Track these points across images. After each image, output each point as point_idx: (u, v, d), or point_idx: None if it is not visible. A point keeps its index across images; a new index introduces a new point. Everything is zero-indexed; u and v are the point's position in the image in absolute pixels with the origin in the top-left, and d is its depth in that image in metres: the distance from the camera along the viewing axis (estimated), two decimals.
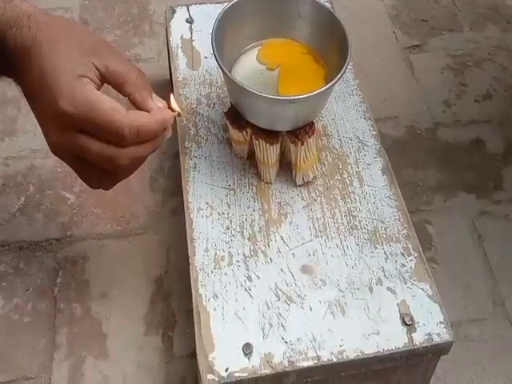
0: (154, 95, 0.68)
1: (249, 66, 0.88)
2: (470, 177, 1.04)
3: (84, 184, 0.67)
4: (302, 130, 0.82)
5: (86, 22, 1.25)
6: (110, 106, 0.61)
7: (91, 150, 0.62)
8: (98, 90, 0.63)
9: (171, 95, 0.71)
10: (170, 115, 0.67)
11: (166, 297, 0.86)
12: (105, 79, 0.64)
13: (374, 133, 0.93)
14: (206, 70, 0.98)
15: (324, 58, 0.86)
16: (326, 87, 0.76)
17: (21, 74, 0.64)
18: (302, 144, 0.82)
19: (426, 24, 1.31)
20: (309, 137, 0.82)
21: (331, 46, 0.83)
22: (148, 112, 0.65)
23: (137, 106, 0.65)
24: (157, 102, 0.67)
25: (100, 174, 0.67)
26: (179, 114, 0.70)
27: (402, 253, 0.80)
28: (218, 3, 1.03)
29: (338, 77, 0.76)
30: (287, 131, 0.82)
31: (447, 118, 1.13)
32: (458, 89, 1.18)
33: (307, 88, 0.76)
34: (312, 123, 0.83)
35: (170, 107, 0.69)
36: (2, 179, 0.98)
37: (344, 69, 0.77)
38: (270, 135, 0.81)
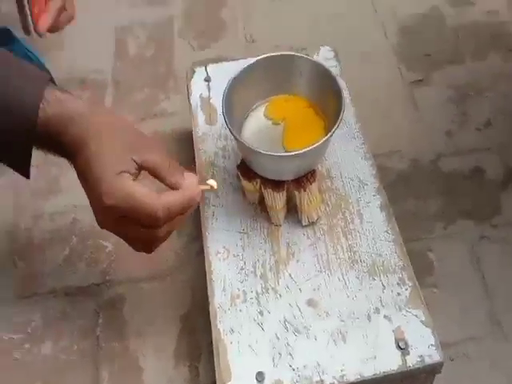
0: (185, 173, 0.82)
1: (257, 122, 1.00)
2: (469, 204, 1.12)
3: None
4: (305, 178, 0.93)
5: (118, 83, 1.39)
6: (144, 194, 0.75)
7: (132, 232, 0.78)
8: (136, 177, 0.77)
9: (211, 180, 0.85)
10: (198, 190, 0.81)
11: (191, 332, 0.98)
12: (142, 169, 0.79)
13: (374, 172, 1.02)
14: (222, 125, 1.09)
15: (323, 110, 0.97)
16: (320, 142, 0.87)
17: (74, 163, 0.78)
18: (305, 190, 0.92)
19: (429, 58, 1.40)
20: (310, 183, 0.93)
21: (329, 100, 0.93)
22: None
23: (171, 188, 0.80)
24: (188, 178, 0.81)
25: (142, 243, 0.80)
26: (215, 190, 0.85)
27: (397, 283, 0.89)
28: (234, 60, 1.15)
29: (331, 133, 0.88)
30: (292, 179, 0.93)
31: (449, 149, 1.21)
32: (460, 119, 1.26)
33: (309, 140, 0.88)
34: (313, 171, 0.94)
35: (200, 181, 0.82)
36: (49, 233, 1.11)
37: (338, 123, 0.88)
38: (276, 184, 0.93)
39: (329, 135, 0.88)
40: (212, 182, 0.85)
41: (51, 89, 0.77)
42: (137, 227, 0.77)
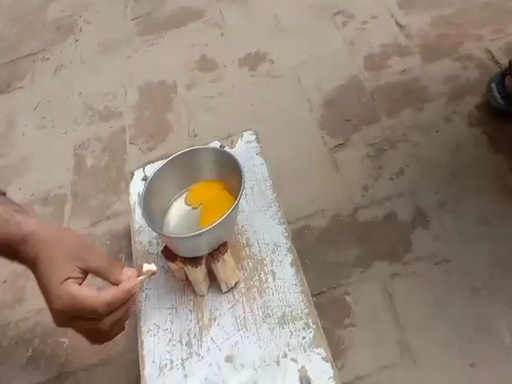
0: (125, 268, 0.97)
1: (178, 210, 1.14)
2: (383, 247, 1.22)
3: None
4: (217, 251, 1.06)
5: (76, 194, 1.56)
6: (84, 294, 0.90)
7: (81, 327, 0.93)
8: (83, 281, 0.93)
9: (144, 264, 0.99)
10: (134, 283, 0.95)
11: None
12: (87, 273, 0.94)
13: (286, 234, 1.15)
14: None
15: (234, 189, 1.10)
16: (220, 220, 1.00)
17: (33, 273, 0.93)
18: (219, 261, 1.05)
19: (348, 123, 1.53)
20: (223, 254, 1.05)
21: (237, 180, 1.07)
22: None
23: (112, 284, 0.95)
24: (126, 273, 0.96)
25: (94, 336, 0.95)
26: (154, 273, 0.99)
27: (303, 327, 1.00)
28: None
29: (228, 212, 1.01)
30: (207, 254, 1.06)
31: (365, 201, 1.33)
32: (376, 172, 1.38)
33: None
34: (225, 243, 1.07)
35: (139, 273, 0.98)
36: (15, 339, 1.25)
37: (237, 201, 1.02)
38: (193, 261, 1.06)
39: (227, 213, 1.02)
40: (151, 267, 0.99)
41: (5, 205, 0.95)
42: (85, 322, 0.92)
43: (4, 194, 1.00)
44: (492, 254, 1.16)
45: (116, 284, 0.95)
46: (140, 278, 0.98)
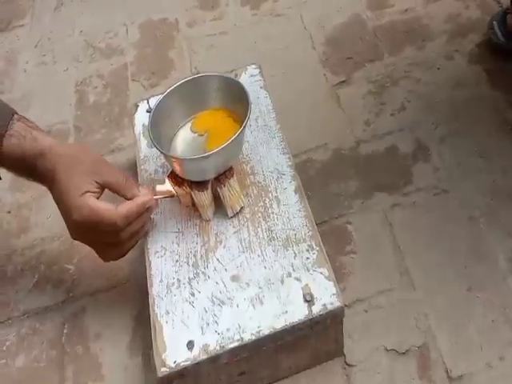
0: (141, 187, 1.03)
1: (184, 137, 1.16)
2: (384, 179, 1.24)
3: (81, 255, 0.97)
4: (223, 175, 1.08)
5: (79, 129, 1.57)
6: (103, 208, 0.94)
7: (96, 240, 0.98)
8: (100, 195, 0.97)
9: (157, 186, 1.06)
10: (150, 197, 1.01)
11: (143, 327, 1.11)
12: (104, 187, 0.98)
13: (290, 163, 1.17)
14: None
15: (239, 117, 1.11)
16: (228, 142, 1.02)
17: (49, 189, 0.98)
18: (225, 186, 1.07)
19: (351, 61, 1.54)
20: (229, 179, 1.08)
21: (242, 108, 1.08)
22: None
23: (128, 199, 1.00)
24: (142, 191, 1.02)
25: (108, 250, 0.98)
26: (172, 195, 1.05)
27: (307, 249, 1.03)
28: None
29: (236, 134, 1.03)
30: (213, 178, 1.08)
31: (367, 135, 1.35)
32: (377, 108, 1.40)
33: None
34: (231, 168, 1.09)
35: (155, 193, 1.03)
36: (21, 265, 1.28)
37: (244, 124, 1.03)
38: (200, 185, 1.08)
39: (234, 136, 1.04)
40: (168, 187, 1.05)
41: (22, 123, 0.97)
42: (101, 236, 0.96)
43: (15, 113, 1.02)
44: (490, 186, 1.19)
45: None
46: (156, 196, 1.02)
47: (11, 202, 1.41)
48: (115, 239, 0.98)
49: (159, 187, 1.05)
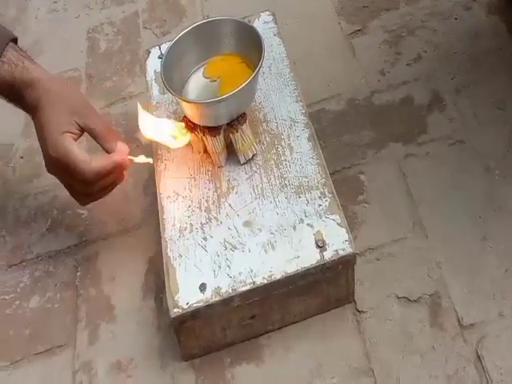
0: (119, 142, 1.02)
1: (196, 83, 1.15)
2: (398, 129, 1.23)
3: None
4: (236, 121, 1.07)
5: (91, 76, 1.56)
6: (78, 155, 0.96)
7: (68, 182, 1.01)
8: (78, 138, 0.99)
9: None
10: (125, 158, 1.02)
11: (156, 271, 1.12)
12: (83, 131, 0.99)
13: (304, 111, 1.15)
14: None
15: (252, 63, 1.10)
16: (241, 87, 1.01)
17: (32, 119, 1.00)
18: (237, 132, 1.07)
19: (366, 9, 1.51)
20: (241, 125, 1.07)
21: (256, 53, 1.07)
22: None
23: (105, 151, 1.01)
24: (121, 147, 1.02)
25: (78, 195, 0.99)
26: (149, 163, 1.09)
27: (319, 196, 1.03)
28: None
29: (249, 79, 1.01)
30: (226, 124, 1.07)
31: (382, 85, 1.32)
32: (393, 58, 1.37)
33: None
34: (244, 114, 1.08)
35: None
36: (34, 210, 1.29)
37: (257, 69, 1.02)
38: (212, 130, 1.07)
39: (247, 81, 1.02)
40: (147, 159, 1.07)
41: (15, 51, 0.99)
42: (72, 179, 0.96)
43: (16, 39, 1.02)
44: (507, 137, 1.17)
45: (108, 152, 1.00)
46: (132, 158, 1.04)
47: (24, 148, 1.41)
48: (84, 189, 0.99)
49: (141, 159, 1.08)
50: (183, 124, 1.08)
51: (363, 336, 1.00)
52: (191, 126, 1.09)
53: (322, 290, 1.00)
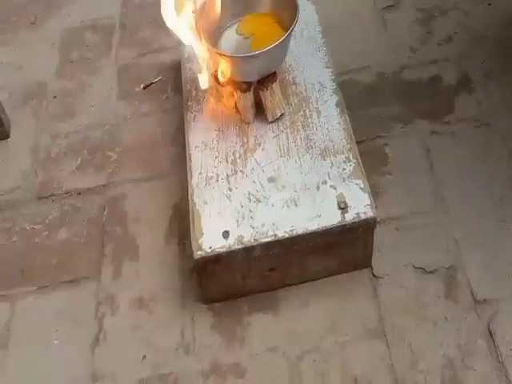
0: None
1: (230, 38, 1.17)
2: (426, 106, 1.26)
3: (123, 145, 1.09)
4: (267, 79, 1.10)
5: (124, 26, 1.58)
6: None
7: None
8: None
9: None
10: None
11: (180, 217, 1.15)
12: None
13: (333, 77, 1.18)
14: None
15: (285, 24, 1.11)
16: (273, 45, 1.03)
17: None
18: (267, 89, 1.09)
19: None
20: (272, 83, 1.09)
21: (291, 14, 1.09)
22: None
23: None
24: None
25: None
26: None
27: (344, 161, 1.06)
28: None
29: (283, 37, 1.04)
30: (257, 81, 1.10)
31: (411, 62, 1.35)
32: (424, 36, 1.40)
33: None
34: (274, 73, 1.10)
35: None
36: (65, 148, 1.32)
37: (292, 28, 1.04)
38: (243, 86, 1.10)
39: (281, 39, 1.04)
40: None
41: None
42: None
43: None
44: None
45: None
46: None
47: (57, 88, 1.43)
48: None
49: None
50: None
51: (378, 300, 1.04)
52: (223, 81, 1.11)
53: (340, 251, 1.04)
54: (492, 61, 1.32)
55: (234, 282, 1.05)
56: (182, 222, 1.15)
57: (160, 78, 1.23)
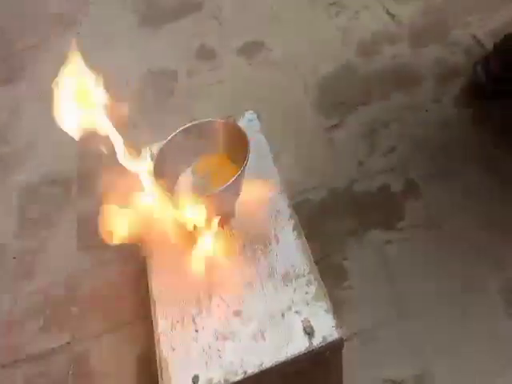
0: None
1: (188, 179, 1.21)
2: (378, 216, 1.29)
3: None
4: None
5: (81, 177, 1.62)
6: None
7: None
8: None
9: None
10: None
11: (149, 366, 1.14)
12: None
13: (287, 202, 1.22)
14: None
15: (237, 161, 1.16)
16: (224, 186, 1.07)
17: None
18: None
19: (343, 105, 1.61)
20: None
21: (239, 152, 1.14)
22: None
23: None
24: None
25: None
26: None
27: (306, 284, 1.07)
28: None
29: (228, 183, 1.07)
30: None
31: (360, 175, 1.40)
32: (369, 149, 1.46)
33: None
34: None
35: None
36: (27, 308, 1.31)
37: (241, 169, 1.09)
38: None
39: (225, 186, 1.08)
40: None
41: None
42: None
43: None
44: (480, 220, 1.24)
45: None
46: None
47: (17, 248, 1.45)
48: None
49: None
50: None
51: None
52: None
53: (311, 376, 1.03)
54: (435, 164, 1.38)
55: None
56: (150, 372, 1.13)
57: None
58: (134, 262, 1.30)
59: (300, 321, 1.02)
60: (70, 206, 1.53)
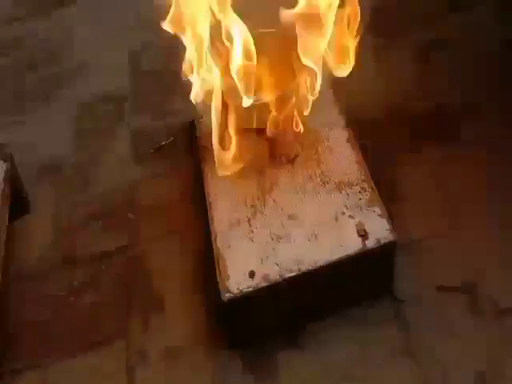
0: None
1: None
2: (433, 134, 1.29)
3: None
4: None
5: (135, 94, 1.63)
6: None
7: None
8: None
9: None
10: None
11: (204, 266, 1.16)
12: None
13: (343, 117, 1.21)
14: None
15: None
16: None
17: None
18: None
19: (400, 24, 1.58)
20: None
21: None
22: None
23: None
24: None
25: None
26: None
27: (359, 191, 1.08)
28: None
29: None
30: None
31: (417, 92, 1.40)
32: (428, 68, 1.44)
33: None
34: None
35: None
36: (85, 215, 1.35)
37: None
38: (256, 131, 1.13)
39: None
40: None
41: None
42: None
43: None
44: None
45: None
46: None
47: (73, 161, 1.48)
48: None
49: None
50: None
51: (403, 323, 1.03)
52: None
53: (363, 278, 1.04)
54: (495, 84, 1.35)
55: (262, 321, 1.06)
56: (205, 272, 1.16)
57: (171, 139, 1.28)
58: (186, 173, 1.32)
59: (354, 224, 1.03)
60: (124, 122, 1.53)
